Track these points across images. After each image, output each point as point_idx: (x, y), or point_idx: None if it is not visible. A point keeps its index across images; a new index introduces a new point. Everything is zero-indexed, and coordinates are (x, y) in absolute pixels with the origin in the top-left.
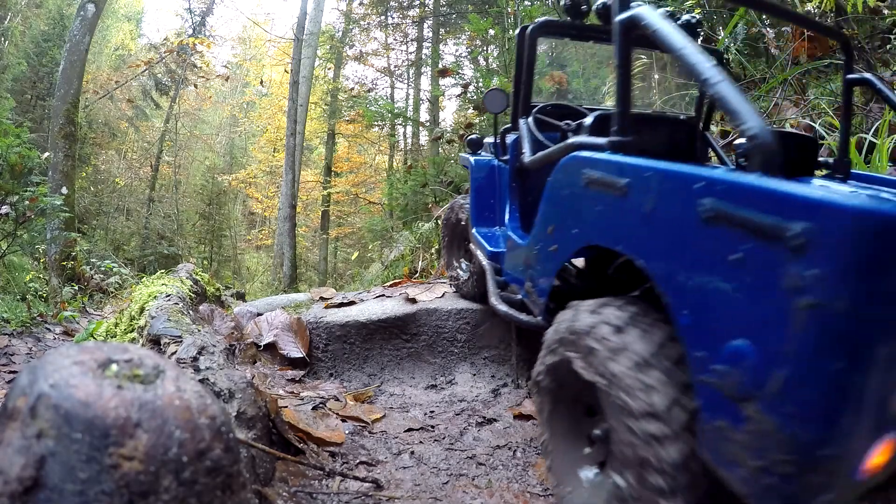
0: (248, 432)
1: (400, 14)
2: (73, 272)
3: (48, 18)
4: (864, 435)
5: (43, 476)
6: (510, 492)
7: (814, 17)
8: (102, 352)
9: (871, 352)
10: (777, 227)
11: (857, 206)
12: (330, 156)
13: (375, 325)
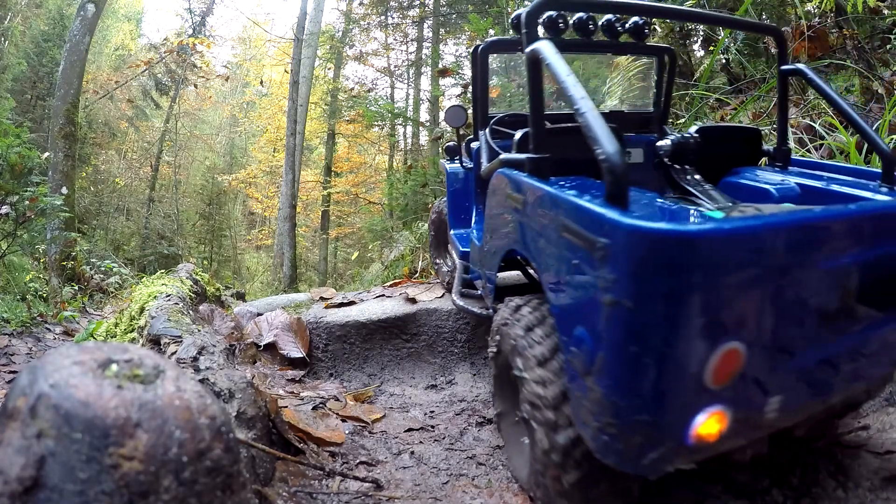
0: (248, 432)
1: (400, 14)
2: (73, 272)
3: (48, 18)
4: (678, 405)
5: (43, 476)
6: (510, 492)
7: (813, 17)
8: (102, 352)
9: (659, 338)
10: (593, 241)
11: (634, 226)
12: (330, 156)
13: (375, 325)
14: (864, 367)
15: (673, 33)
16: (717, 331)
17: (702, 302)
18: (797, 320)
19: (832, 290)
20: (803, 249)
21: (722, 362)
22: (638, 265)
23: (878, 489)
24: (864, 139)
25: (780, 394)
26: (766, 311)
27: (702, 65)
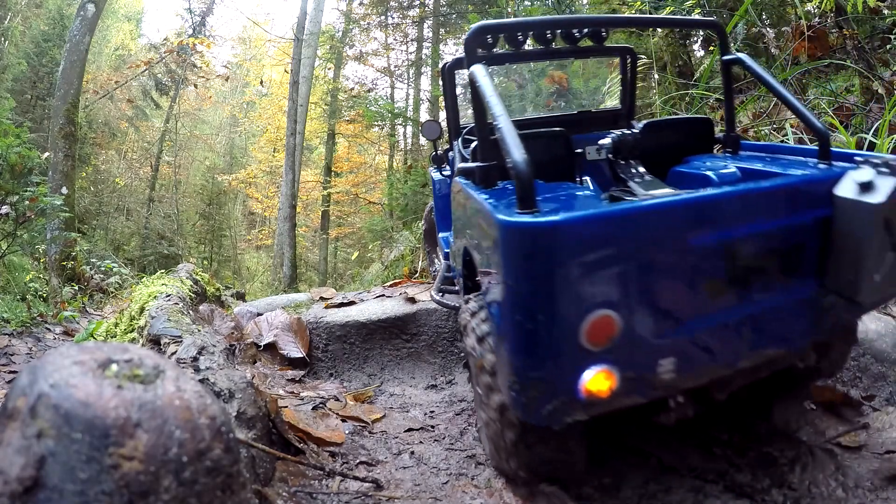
0: (248, 432)
1: (400, 14)
2: (73, 272)
3: (48, 18)
4: (560, 364)
5: (43, 476)
6: (510, 491)
7: (813, 17)
8: (102, 352)
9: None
10: (491, 235)
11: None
12: (330, 156)
13: (375, 325)
14: (770, 335)
15: (672, 33)
16: (584, 301)
17: (562, 279)
18: (678, 292)
19: (714, 263)
20: (665, 230)
21: (594, 327)
22: (511, 251)
23: (878, 489)
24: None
25: (671, 356)
26: (637, 284)
27: (702, 65)
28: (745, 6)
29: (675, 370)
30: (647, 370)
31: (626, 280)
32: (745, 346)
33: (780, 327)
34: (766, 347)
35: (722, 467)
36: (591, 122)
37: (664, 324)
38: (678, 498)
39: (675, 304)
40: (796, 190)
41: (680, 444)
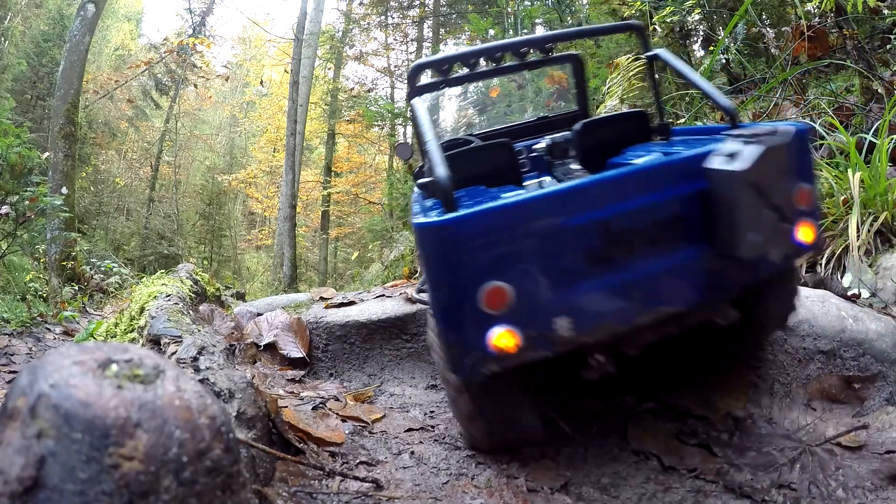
0: (248, 432)
1: (400, 14)
2: (73, 272)
3: (48, 18)
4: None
5: (43, 476)
6: (510, 491)
7: (813, 17)
8: (102, 352)
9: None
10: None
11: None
12: (330, 156)
13: (375, 325)
14: (663, 294)
15: (672, 33)
16: (476, 275)
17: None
18: (559, 263)
19: (588, 238)
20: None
21: (489, 296)
22: (422, 242)
23: (878, 489)
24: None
25: (566, 315)
26: (522, 259)
27: (702, 65)
28: (745, 6)
29: (571, 327)
30: (544, 328)
31: (512, 256)
32: (636, 304)
33: (672, 287)
34: (659, 305)
35: (722, 467)
36: (552, 125)
37: (552, 289)
38: (678, 498)
39: (559, 273)
40: (668, 169)
41: (680, 443)
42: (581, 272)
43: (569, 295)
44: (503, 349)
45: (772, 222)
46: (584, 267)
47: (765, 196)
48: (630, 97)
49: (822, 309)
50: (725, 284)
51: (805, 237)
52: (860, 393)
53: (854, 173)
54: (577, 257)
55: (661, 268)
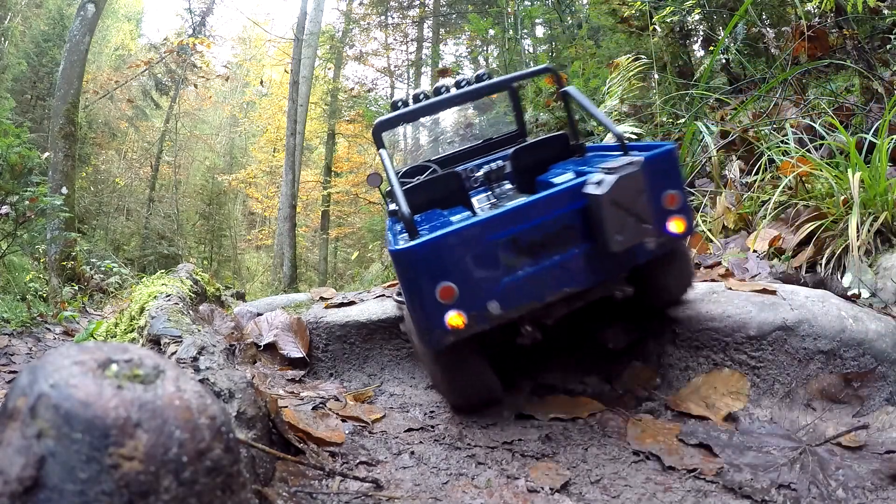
0: (248, 432)
1: (400, 14)
2: (73, 272)
3: (48, 18)
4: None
5: (43, 476)
6: (510, 491)
7: (813, 17)
8: (102, 352)
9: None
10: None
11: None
12: (330, 156)
13: (375, 325)
14: (563, 279)
15: (672, 33)
16: (432, 279)
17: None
18: (488, 266)
19: (506, 248)
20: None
21: (442, 291)
22: (395, 262)
23: (878, 489)
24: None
25: (494, 299)
26: (462, 266)
27: (702, 65)
28: (745, 6)
29: (500, 308)
30: (481, 310)
31: (454, 265)
32: (544, 288)
33: (569, 274)
34: (562, 287)
35: (722, 467)
36: (497, 145)
37: (483, 284)
38: (678, 498)
39: (488, 272)
40: (557, 195)
41: (680, 443)
42: (502, 270)
43: (495, 286)
44: (455, 326)
45: (632, 225)
46: (503, 267)
47: (624, 208)
48: (630, 97)
49: (822, 309)
50: (610, 269)
51: (676, 228)
52: (860, 393)
53: (854, 173)
54: (498, 261)
55: (560, 262)
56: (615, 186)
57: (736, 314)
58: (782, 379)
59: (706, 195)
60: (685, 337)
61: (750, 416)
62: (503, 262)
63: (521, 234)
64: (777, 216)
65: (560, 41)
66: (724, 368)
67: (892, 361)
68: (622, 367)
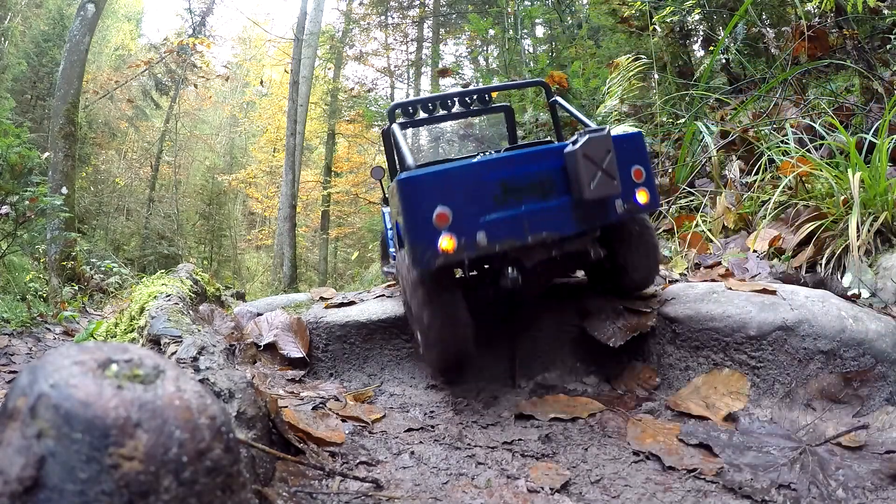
0: (248, 432)
1: (400, 14)
2: (73, 272)
3: (48, 18)
4: (427, 234)
5: (43, 476)
6: (510, 491)
7: (813, 17)
8: (102, 352)
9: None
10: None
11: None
12: (330, 156)
13: (375, 325)
14: (542, 224)
15: (672, 33)
16: (430, 205)
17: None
18: (479, 201)
19: (495, 188)
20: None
21: (438, 216)
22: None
23: (878, 489)
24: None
25: (483, 230)
26: (457, 197)
27: (702, 65)
28: (745, 6)
29: (487, 238)
30: (470, 238)
31: (451, 196)
32: (526, 228)
33: (548, 220)
34: (541, 230)
35: (722, 467)
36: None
37: (475, 215)
38: (678, 498)
39: (478, 206)
40: (541, 152)
41: (680, 443)
42: (491, 207)
43: (484, 220)
44: (446, 250)
45: (602, 178)
46: (493, 205)
47: (594, 162)
48: (630, 97)
49: (822, 309)
50: (585, 222)
51: (642, 199)
52: (860, 393)
53: (854, 173)
54: (488, 199)
55: (541, 208)
56: (587, 142)
57: (736, 314)
58: (782, 379)
59: (706, 195)
60: (685, 337)
61: (750, 416)
62: (493, 200)
63: (510, 178)
64: (777, 216)
65: (560, 41)
66: (724, 368)
67: (892, 361)
68: (622, 367)
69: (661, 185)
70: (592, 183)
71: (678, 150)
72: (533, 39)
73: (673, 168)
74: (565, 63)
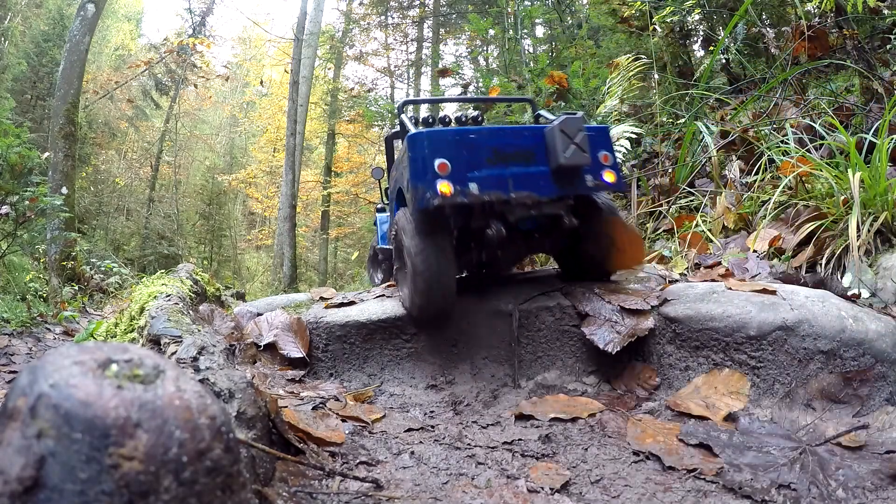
0: (248, 432)
1: (400, 14)
2: (73, 272)
3: (48, 18)
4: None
5: (43, 476)
6: (510, 491)
7: (813, 17)
8: (102, 352)
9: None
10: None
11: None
12: (330, 156)
13: (375, 325)
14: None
15: (672, 33)
16: (433, 156)
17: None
18: (472, 158)
19: (487, 151)
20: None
21: (440, 165)
22: (409, 143)
23: (878, 489)
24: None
25: (475, 182)
26: (455, 153)
27: (702, 65)
28: (745, 6)
29: (478, 188)
30: (464, 186)
31: (450, 152)
32: (510, 186)
33: (528, 182)
34: (522, 189)
35: (722, 467)
36: None
37: (469, 169)
38: (678, 498)
39: (473, 163)
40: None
41: (680, 443)
42: (483, 166)
43: (476, 174)
44: (444, 192)
45: (575, 150)
46: (485, 164)
47: (568, 136)
48: (630, 97)
49: (822, 309)
50: (559, 187)
51: (609, 178)
52: (860, 393)
53: (854, 173)
54: (481, 158)
55: (523, 172)
56: (563, 121)
57: (736, 314)
58: (782, 379)
59: (706, 195)
60: (685, 337)
61: (750, 416)
62: (485, 160)
63: (500, 146)
64: (777, 216)
65: (560, 41)
66: (724, 368)
67: (892, 361)
68: (622, 366)
69: (661, 185)
70: (567, 152)
71: (678, 150)
72: (533, 39)
73: (673, 168)
74: (565, 63)
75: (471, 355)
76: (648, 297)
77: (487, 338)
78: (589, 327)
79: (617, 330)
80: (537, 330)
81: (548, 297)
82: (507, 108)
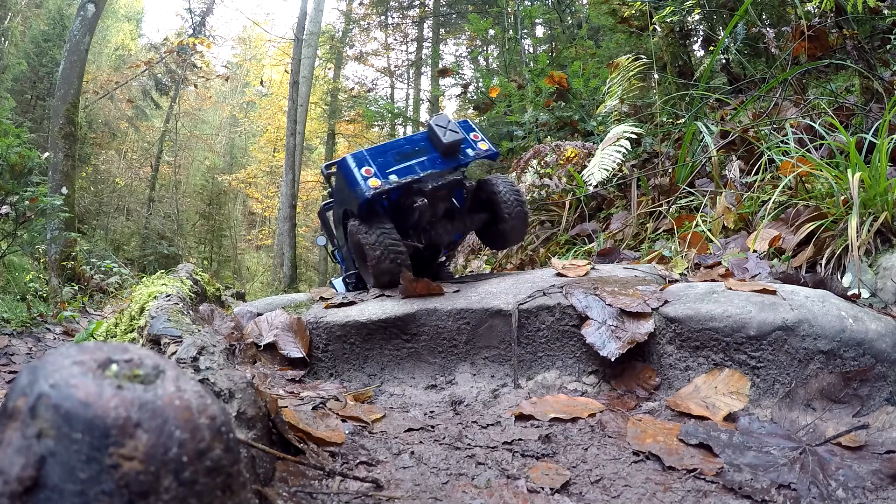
0: (248, 432)
1: (400, 14)
2: (73, 272)
3: (48, 18)
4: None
5: (43, 476)
6: (510, 491)
7: (813, 17)
8: (102, 352)
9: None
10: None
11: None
12: (330, 156)
13: (375, 325)
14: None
15: (672, 34)
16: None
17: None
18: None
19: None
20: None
21: (365, 171)
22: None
23: (878, 489)
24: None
25: (394, 174)
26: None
27: (702, 65)
28: (745, 6)
29: (396, 178)
30: (386, 178)
31: (369, 161)
32: (417, 169)
33: (428, 163)
34: (426, 168)
35: (722, 467)
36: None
37: (386, 168)
38: (678, 498)
39: (386, 164)
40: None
41: (680, 443)
42: (395, 164)
43: (392, 170)
44: (373, 185)
45: (451, 132)
46: (395, 163)
47: (443, 126)
48: (630, 97)
49: (822, 309)
50: (450, 161)
51: (483, 147)
52: (860, 393)
53: (854, 173)
54: (392, 159)
55: (424, 159)
56: (434, 119)
57: (736, 314)
58: (782, 379)
59: (706, 195)
60: (685, 337)
61: (750, 416)
62: (394, 161)
63: (401, 150)
64: (777, 216)
65: (560, 41)
66: (725, 368)
67: (892, 361)
68: (622, 366)
69: (661, 185)
70: (445, 136)
71: (678, 150)
72: (533, 39)
73: (673, 168)
74: (565, 63)
75: (471, 355)
76: (649, 299)
77: (487, 338)
78: (588, 330)
79: (617, 335)
80: (537, 330)
81: (548, 297)
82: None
